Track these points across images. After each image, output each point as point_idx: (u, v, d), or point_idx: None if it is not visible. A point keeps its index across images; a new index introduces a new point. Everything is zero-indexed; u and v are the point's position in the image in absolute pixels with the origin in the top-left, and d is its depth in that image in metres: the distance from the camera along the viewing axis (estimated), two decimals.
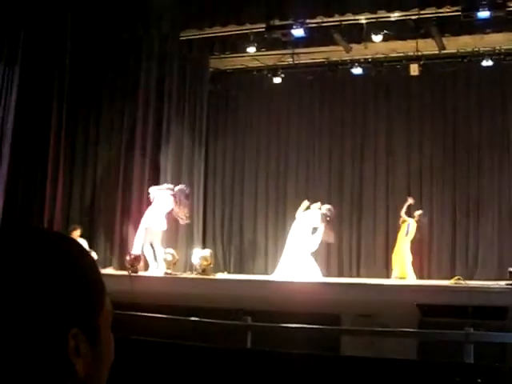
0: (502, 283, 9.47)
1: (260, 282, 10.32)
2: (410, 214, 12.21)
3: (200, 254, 11.02)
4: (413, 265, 12.00)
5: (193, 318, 7.27)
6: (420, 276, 12.19)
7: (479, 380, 4.07)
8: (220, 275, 11.55)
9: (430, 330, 6.75)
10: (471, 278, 11.79)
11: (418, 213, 12.17)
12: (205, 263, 10.74)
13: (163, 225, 11.49)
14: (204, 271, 10.70)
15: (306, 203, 11.73)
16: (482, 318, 6.97)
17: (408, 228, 12.03)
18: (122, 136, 12.81)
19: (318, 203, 11.82)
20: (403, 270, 11.81)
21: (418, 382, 4.88)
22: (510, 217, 12.89)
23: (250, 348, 6.33)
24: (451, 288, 9.49)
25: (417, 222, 12.04)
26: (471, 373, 4.37)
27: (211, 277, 10.59)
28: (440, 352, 6.10)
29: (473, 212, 13.13)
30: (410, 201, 12.32)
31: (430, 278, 12.59)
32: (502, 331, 6.80)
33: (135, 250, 11.15)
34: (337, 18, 11.80)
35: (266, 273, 12.80)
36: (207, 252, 11.19)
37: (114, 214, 12.60)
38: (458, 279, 10.20)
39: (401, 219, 12.21)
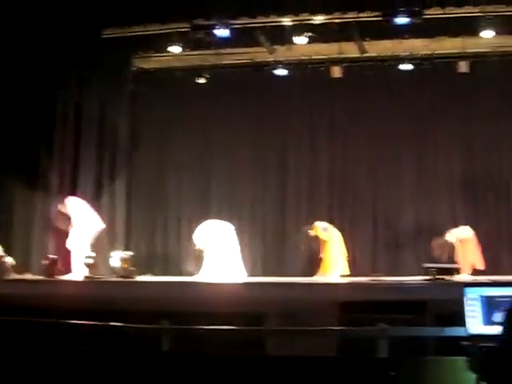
0: (419, 278, 9.73)
1: (183, 284, 10.19)
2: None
3: (121, 257, 10.83)
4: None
5: (112, 323, 7.14)
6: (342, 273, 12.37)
7: (392, 373, 4.13)
8: (144, 278, 11.38)
9: (350, 326, 6.84)
10: (391, 274, 12.08)
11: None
12: (126, 265, 10.56)
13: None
14: (125, 274, 10.51)
15: None
16: (401, 313, 7.11)
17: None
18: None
19: None
20: (330, 268, 12.05)
21: (337, 378, 4.93)
22: (428, 214, 13.26)
23: (167, 351, 6.25)
24: (370, 284, 9.67)
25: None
26: (384, 366, 4.44)
27: (132, 279, 10.41)
28: (359, 348, 6.16)
29: (392, 210, 13.45)
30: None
31: (351, 275, 12.80)
32: (420, 325, 6.95)
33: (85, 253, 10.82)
34: (261, 19, 11.83)
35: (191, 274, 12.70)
36: (127, 254, 11.01)
37: (31, 218, 12.25)
38: (378, 275, 10.41)
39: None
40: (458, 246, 11.84)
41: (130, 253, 11.35)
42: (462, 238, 11.86)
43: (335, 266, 12.05)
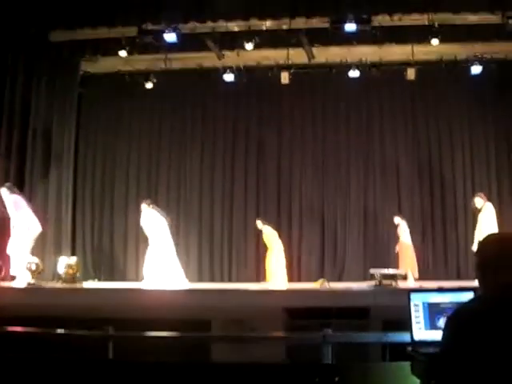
0: (364, 284, 9.84)
1: (127, 291, 10.06)
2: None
3: (65, 262, 10.64)
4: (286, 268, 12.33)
5: (58, 330, 6.98)
6: (289, 280, 12.45)
7: (336, 379, 4.13)
8: (90, 283, 11.20)
9: (296, 332, 6.84)
10: (338, 280, 12.19)
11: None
12: (71, 271, 10.37)
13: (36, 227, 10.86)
14: (70, 280, 10.32)
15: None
16: (346, 318, 7.15)
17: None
18: None
19: None
20: (273, 274, 12.11)
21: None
22: (374, 222, 13.45)
23: (111, 358, 6.14)
24: (316, 291, 9.73)
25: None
26: (329, 372, 4.44)
27: (76, 286, 10.23)
28: (305, 353, 6.17)
29: (340, 217, 13.59)
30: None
31: (299, 280, 12.88)
32: (365, 330, 7.00)
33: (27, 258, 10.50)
34: (209, 24, 11.80)
35: (137, 279, 12.56)
36: (73, 260, 10.82)
37: None
38: (323, 282, 10.50)
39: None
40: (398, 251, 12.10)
41: (75, 258, 11.15)
42: (402, 243, 12.10)
43: (277, 273, 12.13)
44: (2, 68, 12.03)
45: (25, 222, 10.66)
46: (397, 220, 12.33)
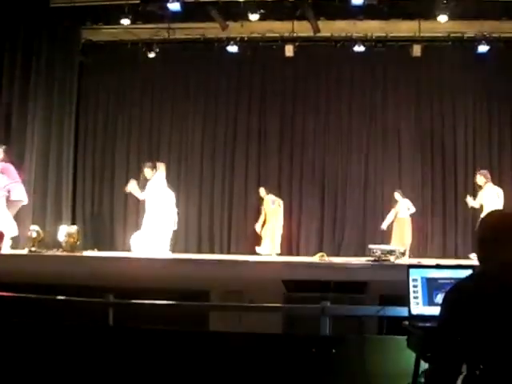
0: (363, 259, 9.91)
1: (127, 260, 10.11)
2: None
3: (66, 231, 10.68)
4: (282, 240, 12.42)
5: (58, 297, 7.04)
6: (288, 252, 12.52)
7: (333, 350, 4.19)
8: (89, 252, 11.26)
9: (294, 304, 6.90)
10: (337, 255, 12.25)
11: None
12: (71, 240, 10.42)
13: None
14: (71, 248, 10.38)
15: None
16: (343, 292, 7.20)
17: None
18: None
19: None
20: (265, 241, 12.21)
21: (280, 354, 4.98)
22: (373, 198, 13.47)
23: (112, 325, 6.20)
24: (315, 264, 9.79)
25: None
26: (326, 344, 4.50)
27: (76, 254, 10.28)
28: (303, 325, 6.23)
29: (340, 192, 13.60)
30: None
31: (298, 254, 12.95)
32: (363, 304, 7.05)
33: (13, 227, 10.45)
34: None
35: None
36: (73, 229, 10.86)
37: None
38: (322, 256, 10.57)
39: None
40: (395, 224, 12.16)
41: (76, 227, 11.19)
42: (400, 217, 12.16)
43: (270, 241, 12.23)
44: (1, 35, 11.94)
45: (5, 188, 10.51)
46: (397, 196, 12.36)
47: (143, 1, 11.43)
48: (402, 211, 12.27)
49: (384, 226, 12.31)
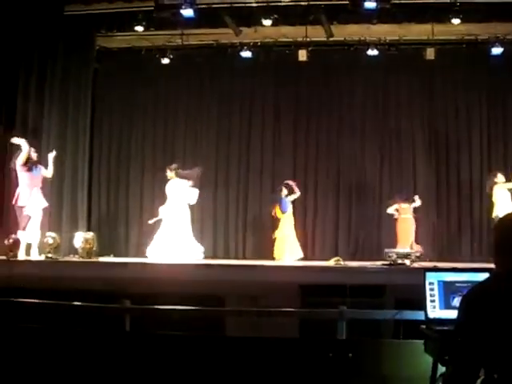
0: (379, 263, 9.89)
1: (144, 265, 10.16)
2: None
3: (82, 237, 10.74)
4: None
5: (75, 303, 7.09)
6: (304, 257, 12.49)
7: (350, 354, 4.19)
8: (105, 258, 11.30)
9: (311, 309, 6.90)
10: (352, 259, 12.22)
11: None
12: (88, 246, 10.48)
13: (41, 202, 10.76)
14: (87, 254, 10.44)
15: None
16: (361, 297, 7.20)
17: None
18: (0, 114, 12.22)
19: None
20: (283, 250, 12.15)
21: (297, 359, 4.99)
22: (388, 199, 13.42)
23: (129, 331, 6.24)
24: (331, 268, 9.78)
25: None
26: (343, 348, 4.50)
27: (93, 260, 10.33)
28: (320, 330, 6.23)
29: (355, 196, 13.57)
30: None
31: (313, 259, 12.93)
32: (379, 309, 7.05)
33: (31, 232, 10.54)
34: (227, 0, 11.74)
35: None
36: (90, 235, 10.91)
37: None
38: (338, 260, 10.56)
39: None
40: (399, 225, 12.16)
41: (92, 233, 11.24)
42: (403, 217, 12.15)
43: (289, 248, 12.17)
44: (17, 42, 12.05)
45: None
46: (417, 199, 12.37)
47: (157, 7, 11.46)
48: (406, 211, 12.27)
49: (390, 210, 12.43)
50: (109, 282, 8.39)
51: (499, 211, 10.84)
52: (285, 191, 12.46)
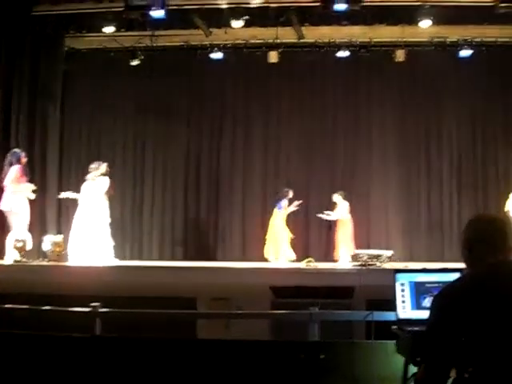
0: (350, 264, 9.92)
1: (115, 268, 10.06)
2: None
3: (52, 241, 10.58)
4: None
5: (44, 307, 6.98)
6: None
7: (322, 356, 4.17)
8: (76, 261, 11.14)
9: (282, 310, 6.88)
10: (324, 260, 12.25)
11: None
12: (57, 249, 10.33)
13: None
14: (57, 257, 10.29)
15: None
16: (332, 298, 7.20)
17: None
18: None
19: None
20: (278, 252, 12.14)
21: (269, 361, 4.96)
22: (360, 201, 13.47)
23: (100, 335, 6.16)
24: (302, 270, 9.80)
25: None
26: (315, 349, 4.48)
27: (62, 263, 10.19)
28: (291, 331, 6.22)
29: (325, 197, 13.55)
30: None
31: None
32: (350, 310, 7.06)
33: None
34: (198, 1, 11.67)
35: (125, 258, 12.57)
36: (59, 238, 10.76)
37: None
38: (309, 261, 10.57)
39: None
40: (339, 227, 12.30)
41: (62, 236, 11.09)
42: (342, 219, 12.18)
43: (281, 250, 12.14)
44: None
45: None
46: (337, 198, 12.40)
47: (126, 8, 11.35)
48: (341, 213, 12.31)
49: (324, 216, 12.42)
50: (79, 286, 8.29)
51: None
52: (290, 194, 12.48)
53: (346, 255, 11.65)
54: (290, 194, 12.49)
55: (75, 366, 5.35)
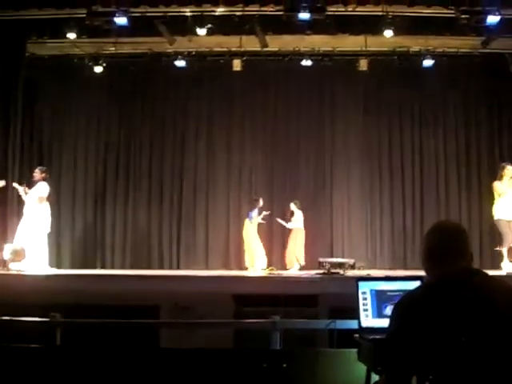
0: (313, 272, 9.94)
1: (75, 277, 9.94)
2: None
3: (11, 249, 10.40)
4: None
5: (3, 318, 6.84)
6: (238, 267, 12.47)
7: (284, 364, 4.16)
8: (41, 270, 10.97)
9: (244, 319, 6.86)
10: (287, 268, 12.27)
11: None
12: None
13: None
14: (18, 266, 10.11)
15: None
16: (295, 306, 7.20)
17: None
18: None
19: None
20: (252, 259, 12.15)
21: (231, 370, 4.93)
22: (321, 210, 13.54)
23: (59, 345, 6.06)
24: (265, 278, 9.79)
25: None
26: (277, 358, 4.47)
27: (24, 272, 10.01)
28: (254, 340, 6.20)
29: (288, 206, 13.61)
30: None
31: (247, 268, 12.92)
32: (313, 318, 7.07)
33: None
34: (162, 8, 11.62)
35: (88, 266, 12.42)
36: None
37: None
38: (272, 269, 10.56)
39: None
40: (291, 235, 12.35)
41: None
42: (294, 227, 12.26)
43: (256, 258, 12.11)
44: None
45: None
46: (293, 207, 12.51)
47: (89, 15, 11.25)
48: (297, 222, 12.39)
49: (281, 221, 12.54)
50: (39, 296, 8.15)
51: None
52: (261, 203, 12.48)
53: (296, 265, 11.78)
54: (261, 203, 12.49)
55: (36, 378, 5.27)
